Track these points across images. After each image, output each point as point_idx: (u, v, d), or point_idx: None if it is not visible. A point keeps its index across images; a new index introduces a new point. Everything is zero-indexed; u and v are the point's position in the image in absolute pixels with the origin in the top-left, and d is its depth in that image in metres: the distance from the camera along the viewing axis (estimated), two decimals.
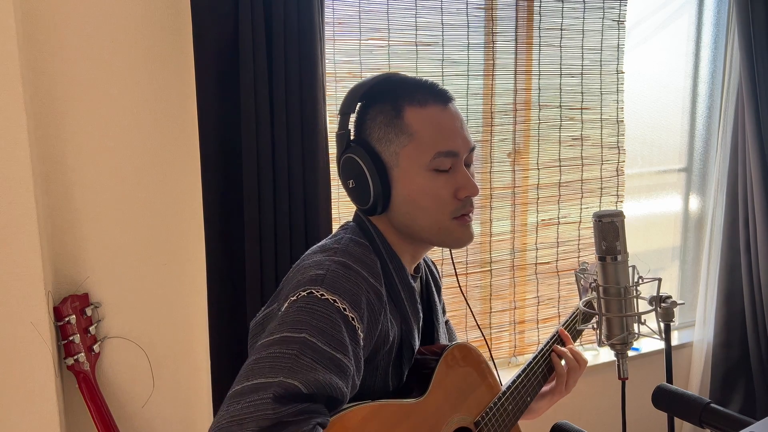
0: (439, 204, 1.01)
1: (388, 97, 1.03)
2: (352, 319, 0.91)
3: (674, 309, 1.50)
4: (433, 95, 1.03)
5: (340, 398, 0.87)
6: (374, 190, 1.01)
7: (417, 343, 1.08)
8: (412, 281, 1.07)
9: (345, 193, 1.09)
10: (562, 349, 1.28)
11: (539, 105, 2.18)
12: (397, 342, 1.03)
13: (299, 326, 0.87)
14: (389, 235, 1.06)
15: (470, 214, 1.05)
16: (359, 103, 1.07)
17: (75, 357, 1.54)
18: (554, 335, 1.32)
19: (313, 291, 0.90)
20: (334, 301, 0.90)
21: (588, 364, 1.30)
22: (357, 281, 0.95)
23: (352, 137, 1.06)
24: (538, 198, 2.24)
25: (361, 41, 1.88)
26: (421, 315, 1.10)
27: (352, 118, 1.07)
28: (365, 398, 0.98)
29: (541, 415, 1.30)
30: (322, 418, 0.83)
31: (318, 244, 1.06)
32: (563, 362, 1.28)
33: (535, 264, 2.28)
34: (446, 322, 1.33)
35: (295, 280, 0.95)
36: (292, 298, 0.91)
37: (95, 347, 1.59)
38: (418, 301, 1.09)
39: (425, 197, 1.01)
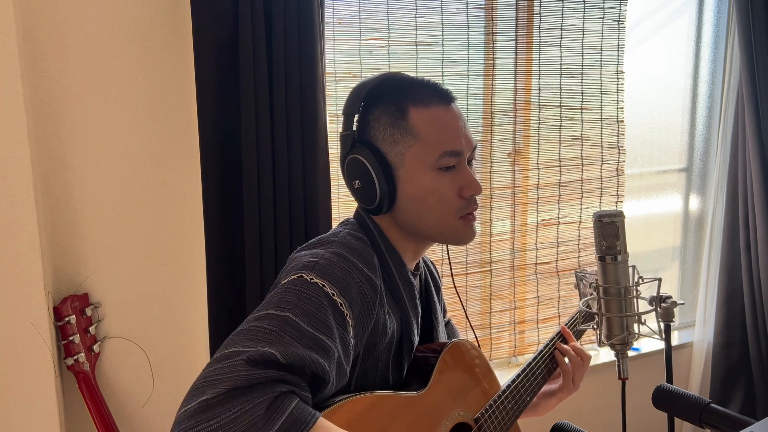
0: (445, 203, 1.02)
1: (391, 97, 1.03)
2: (341, 305, 0.91)
3: (674, 309, 1.50)
4: (437, 95, 1.03)
5: (322, 375, 0.85)
6: (380, 190, 1.02)
7: (416, 338, 1.08)
8: (411, 277, 1.07)
9: (345, 193, 1.09)
10: (565, 346, 1.28)
11: (539, 105, 2.18)
12: (396, 336, 1.04)
13: (284, 305, 0.87)
14: (390, 233, 1.06)
15: (474, 213, 1.05)
16: (362, 104, 1.06)
17: (75, 357, 1.54)
18: (556, 334, 1.33)
19: (304, 275, 0.91)
20: (323, 285, 0.90)
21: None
22: (349, 270, 0.95)
23: (356, 138, 1.06)
24: (538, 198, 2.24)
25: (361, 41, 1.88)
26: (420, 311, 1.11)
27: (356, 118, 1.07)
28: (366, 391, 0.98)
29: (549, 412, 1.30)
30: (299, 391, 0.82)
31: (316, 238, 1.06)
32: (566, 360, 1.28)
33: (535, 264, 2.28)
34: (448, 323, 1.33)
35: (290, 268, 0.96)
36: (283, 282, 0.92)
37: (95, 347, 1.59)
38: (417, 297, 1.09)
39: (431, 197, 1.01)
